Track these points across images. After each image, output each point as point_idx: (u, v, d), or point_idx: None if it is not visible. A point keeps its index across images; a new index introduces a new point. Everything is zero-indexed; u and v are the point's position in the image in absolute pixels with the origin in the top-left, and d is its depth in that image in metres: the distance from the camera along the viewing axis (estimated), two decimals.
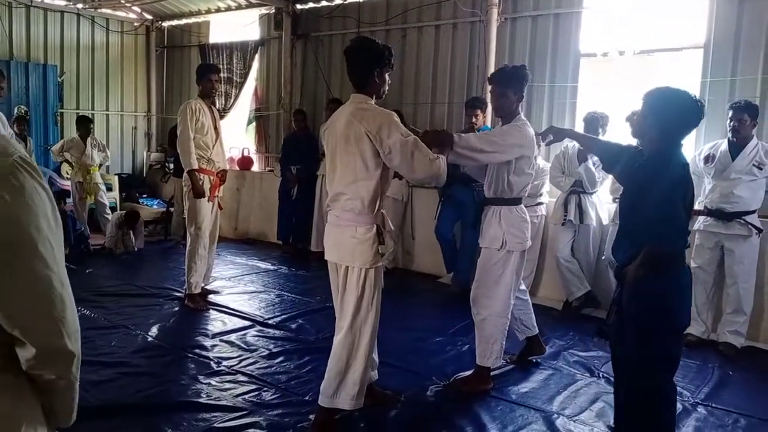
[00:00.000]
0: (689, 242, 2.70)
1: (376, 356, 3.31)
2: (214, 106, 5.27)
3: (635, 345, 2.64)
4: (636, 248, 2.58)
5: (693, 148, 5.16)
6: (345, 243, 2.95)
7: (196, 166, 4.88)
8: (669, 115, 2.57)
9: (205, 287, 5.32)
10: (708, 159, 4.60)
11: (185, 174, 4.97)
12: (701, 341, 4.56)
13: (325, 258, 3.13)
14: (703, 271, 4.59)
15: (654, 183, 2.53)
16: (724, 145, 4.54)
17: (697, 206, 4.66)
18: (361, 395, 2.99)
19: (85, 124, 7.24)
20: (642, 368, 2.65)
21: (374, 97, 3.00)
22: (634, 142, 4.93)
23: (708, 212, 4.54)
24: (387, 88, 3.06)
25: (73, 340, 1.15)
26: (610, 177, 5.02)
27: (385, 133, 2.78)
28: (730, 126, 4.44)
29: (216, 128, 5.06)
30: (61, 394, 1.20)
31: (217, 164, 5.06)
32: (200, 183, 4.91)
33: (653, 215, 2.50)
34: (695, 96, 2.62)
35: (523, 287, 4.00)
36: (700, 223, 4.60)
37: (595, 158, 5.07)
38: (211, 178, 5.03)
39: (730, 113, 4.43)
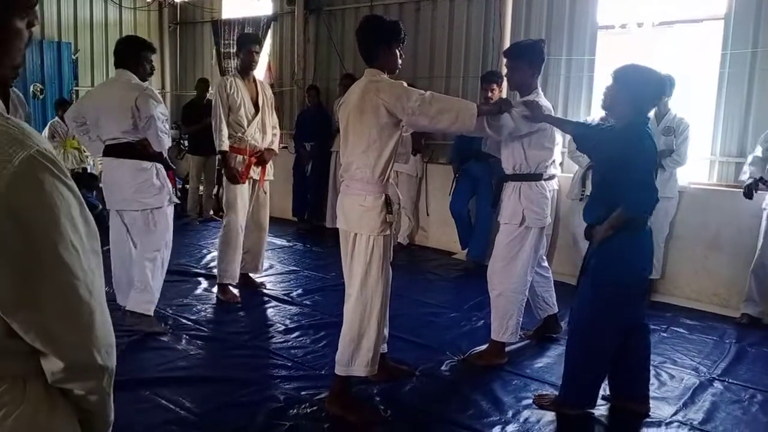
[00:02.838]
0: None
1: (386, 330, 3.34)
2: (254, 79, 4.70)
3: (589, 296, 2.91)
4: (607, 212, 2.81)
5: (713, 119, 5.08)
6: (354, 211, 3.00)
7: (225, 148, 4.49)
8: (638, 90, 2.80)
9: (252, 276, 5.05)
10: None
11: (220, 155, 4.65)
12: (754, 321, 4.46)
13: (337, 226, 3.18)
14: None
15: (628, 153, 2.75)
16: None
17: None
18: (375, 362, 3.03)
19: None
20: (590, 323, 2.92)
21: (386, 72, 3.05)
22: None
23: None
24: (400, 62, 3.10)
25: (103, 354, 1.06)
26: None
27: (405, 99, 2.87)
28: None
29: (257, 105, 4.63)
30: (94, 409, 1.13)
31: (252, 143, 4.59)
32: (233, 165, 4.53)
33: (629, 182, 2.72)
34: (661, 72, 2.88)
35: (545, 264, 4.00)
36: None
37: None
38: (244, 158, 4.59)
39: None
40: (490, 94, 5.46)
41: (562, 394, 3.10)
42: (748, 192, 4.39)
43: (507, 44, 5.96)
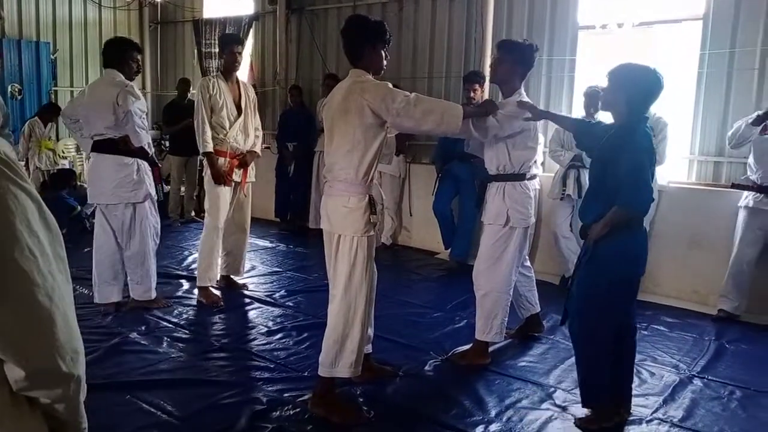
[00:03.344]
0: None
1: (371, 330, 3.34)
2: (237, 80, 4.69)
3: (585, 299, 2.90)
4: (604, 210, 2.81)
5: (692, 118, 5.14)
6: (337, 212, 3.00)
7: (209, 149, 4.43)
8: (634, 89, 2.80)
9: (234, 278, 5.02)
10: (766, 129, 4.36)
11: (204, 157, 4.58)
12: (731, 317, 4.52)
13: (321, 227, 3.18)
14: (748, 249, 4.47)
15: (625, 151, 2.75)
16: None
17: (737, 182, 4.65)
18: (359, 363, 3.03)
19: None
20: (587, 317, 2.91)
21: (371, 73, 3.04)
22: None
23: (758, 188, 4.39)
24: (385, 63, 3.10)
25: (68, 361, 1.02)
26: None
27: (389, 101, 2.87)
28: None
29: (239, 106, 4.58)
30: (63, 417, 1.09)
31: (234, 145, 4.55)
32: (218, 166, 4.47)
33: (626, 180, 2.71)
34: (655, 69, 2.82)
35: (527, 264, 4.02)
36: (748, 199, 4.48)
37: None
38: (226, 160, 4.54)
39: None
40: (472, 94, 5.50)
41: (583, 399, 3.04)
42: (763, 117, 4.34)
43: (489, 44, 6.00)
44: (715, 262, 4.82)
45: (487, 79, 5.88)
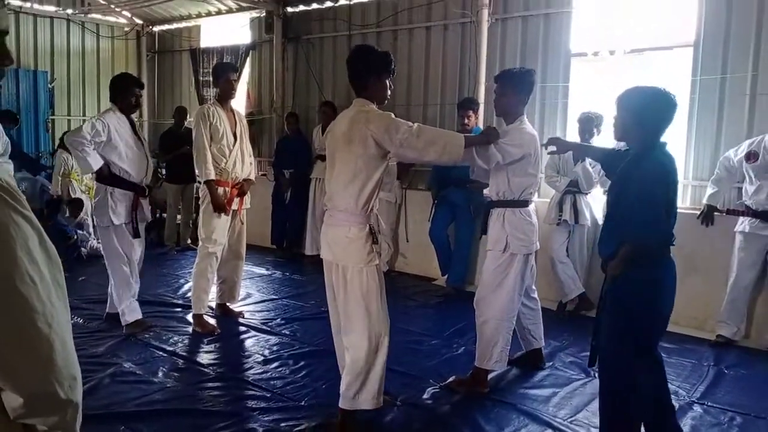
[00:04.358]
0: (674, 239, 2.71)
1: None
2: (231, 109, 4.73)
3: (608, 338, 2.72)
4: (618, 244, 2.65)
5: (684, 144, 5.19)
6: (339, 242, 3.00)
7: (212, 177, 4.44)
8: (645, 113, 2.65)
9: (229, 306, 4.99)
10: (750, 156, 4.43)
11: (202, 185, 4.57)
12: (730, 342, 4.51)
13: (321, 256, 3.18)
14: (746, 275, 4.47)
15: (633, 181, 2.61)
16: (767, 142, 4.35)
17: (734, 207, 4.70)
18: (380, 393, 3.04)
19: None
20: (614, 361, 2.71)
21: (376, 102, 3.06)
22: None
23: (754, 213, 4.41)
24: (389, 93, 3.12)
25: (66, 388, 1.02)
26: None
27: (393, 131, 2.89)
28: None
29: (236, 134, 4.62)
30: None
31: (234, 174, 4.59)
32: (219, 194, 4.48)
33: (630, 215, 2.58)
34: (666, 90, 2.68)
35: (534, 295, 3.96)
36: (744, 224, 4.49)
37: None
38: (227, 189, 4.57)
39: None
40: (466, 120, 5.54)
41: None
42: (704, 220, 4.72)
43: (483, 72, 6.06)
44: (712, 287, 4.81)
45: (481, 105, 5.97)
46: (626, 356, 2.67)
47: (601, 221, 5.29)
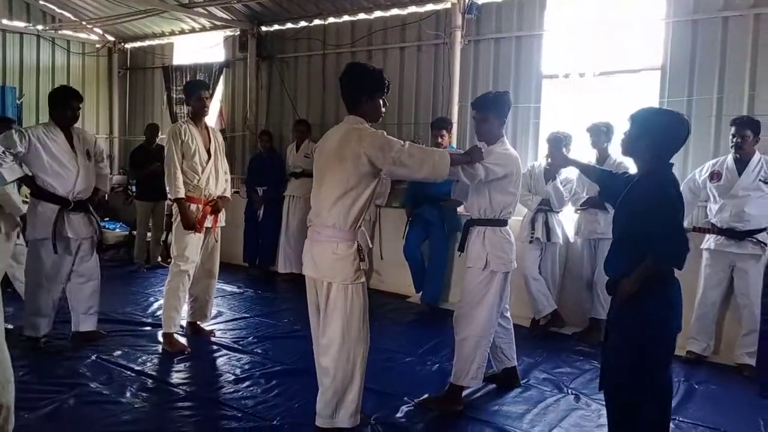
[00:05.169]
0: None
1: None
2: (206, 126, 4.68)
3: (620, 362, 2.65)
4: (632, 264, 2.60)
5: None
6: (325, 259, 2.98)
7: (181, 195, 4.40)
8: (659, 135, 2.64)
9: (200, 325, 4.91)
10: (713, 176, 4.54)
11: (174, 203, 4.51)
12: (700, 358, 4.57)
13: (303, 273, 3.15)
14: (713, 291, 4.55)
15: (658, 205, 2.57)
16: (729, 162, 4.47)
17: (699, 225, 4.75)
18: (358, 411, 3.03)
19: None
20: (625, 385, 2.65)
21: (368, 121, 3.06)
22: (593, 155, 5.06)
23: (719, 231, 4.48)
24: (383, 111, 3.12)
25: None
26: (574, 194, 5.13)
27: (387, 150, 2.90)
28: (732, 142, 4.41)
29: (209, 151, 4.57)
30: None
31: (207, 191, 4.53)
32: (190, 212, 4.44)
33: (661, 233, 2.54)
34: (680, 114, 2.69)
35: (508, 315, 3.96)
36: (709, 242, 4.56)
37: (562, 177, 5.15)
38: (199, 207, 4.50)
39: (733, 129, 4.41)
40: (440, 139, 5.58)
41: None
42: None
43: (456, 92, 6.14)
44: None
45: (455, 124, 6.03)
46: (637, 378, 2.62)
47: (572, 239, 5.37)
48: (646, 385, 2.61)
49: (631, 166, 3.40)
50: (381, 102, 3.09)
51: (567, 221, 5.35)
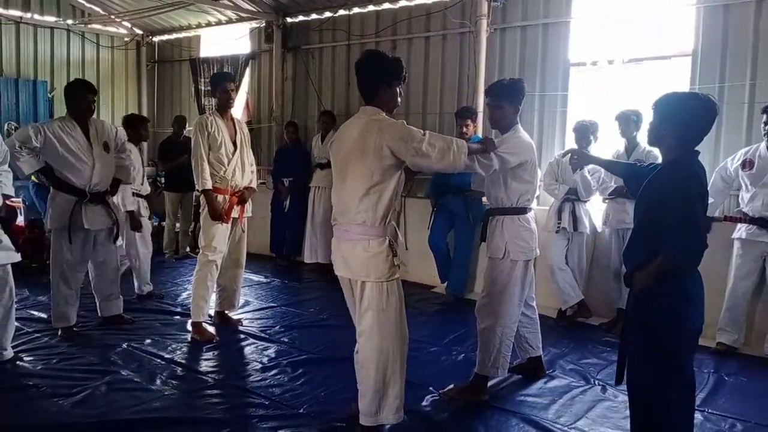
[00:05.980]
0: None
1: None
2: (231, 117, 4.73)
3: (636, 356, 2.59)
4: (649, 256, 2.52)
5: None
6: (357, 258, 2.91)
7: (209, 186, 4.45)
8: (683, 120, 2.53)
9: (228, 314, 4.98)
10: (745, 164, 4.46)
11: (201, 194, 4.57)
12: (730, 350, 4.50)
13: (336, 274, 3.10)
14: (744, 281, 4.47)
15: (675, 197, 2.45)
16: (762, 150, 4.38)
17: (730, 214, 4.66)
18: (402, 407, 3.00)
19: None
20: (644, 381, 2.58)
21: (385, 111, 2.98)
22: (621, 144, 4.99)
23: (751, 220, 4.40)
24: (399, 101, 3.05)
25: None
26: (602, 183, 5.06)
27: (409, 140, 2.81)
28: (764, 130, 4.33)
29: (236, 142, 4.62)
30: None
31: (233, 182, 4.59)
32: (217, 203, 4.49)
33: (674, 228, 2.43)
34: (706, 95, 2.56)
35: (533, 304, 3.93)
36: (741, 231, 4.49)
37: (590, 166, 5.08)
38: (226, 197, 4.57)
39: (765, 117, 4.32)
40: (465, 129, 5.56)
41: None
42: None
43: (482, 81, 6.08)
44: (711, 294, 4.70)
45: (480, 114, 5.98)
46: (657, 374, 2.53)
47: (599, 229, 5.30)
48: (668, 380, 2.51)
49: (660, 156, 3.32)
50: (398, 91, 3.01)
51: (595, 210, 5.29)
